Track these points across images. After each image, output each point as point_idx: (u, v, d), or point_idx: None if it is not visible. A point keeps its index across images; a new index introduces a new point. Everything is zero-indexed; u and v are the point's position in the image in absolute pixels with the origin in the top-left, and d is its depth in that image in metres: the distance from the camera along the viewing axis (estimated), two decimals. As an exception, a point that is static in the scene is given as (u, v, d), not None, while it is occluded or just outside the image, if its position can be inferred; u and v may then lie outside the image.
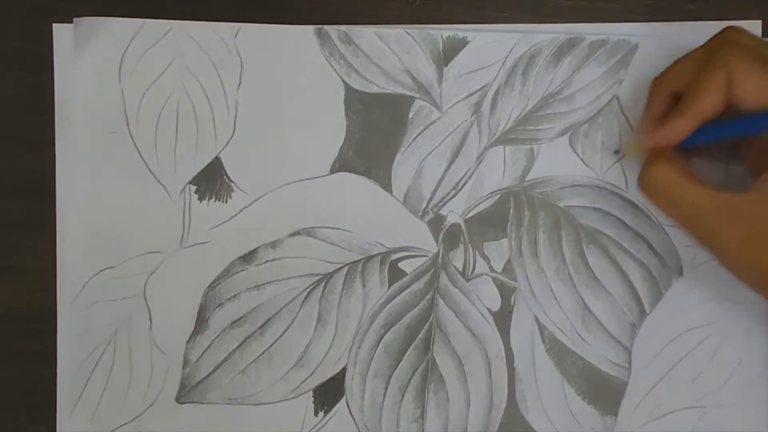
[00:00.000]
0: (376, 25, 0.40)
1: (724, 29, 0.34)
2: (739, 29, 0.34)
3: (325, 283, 0.40)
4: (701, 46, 0.34)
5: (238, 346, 0.40)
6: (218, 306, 0.40)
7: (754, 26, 0.40)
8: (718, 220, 0.32)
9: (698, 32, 0.39)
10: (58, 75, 0.40)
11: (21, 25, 0.40)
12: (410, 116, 0.40)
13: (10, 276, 0.40)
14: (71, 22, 0.40)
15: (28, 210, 0.40)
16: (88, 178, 0.40)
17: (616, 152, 0.39)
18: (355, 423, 0.40)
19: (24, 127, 0.40)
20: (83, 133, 0.40)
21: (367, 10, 0.40)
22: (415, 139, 0.40)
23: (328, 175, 0.40)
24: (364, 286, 0.40)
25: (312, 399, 0.40)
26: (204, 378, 0.40)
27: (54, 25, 0.40)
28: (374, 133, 0.40)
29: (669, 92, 0.35)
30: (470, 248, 0.40)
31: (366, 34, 0.40)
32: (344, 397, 0.40)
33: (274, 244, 0.40)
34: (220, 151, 0.40)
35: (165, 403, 0.40)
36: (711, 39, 0.34)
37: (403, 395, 0.40)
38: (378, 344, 0.40)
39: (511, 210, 0.40)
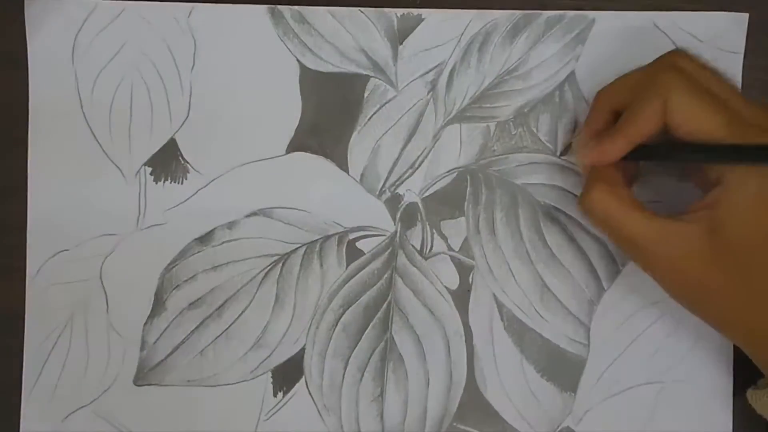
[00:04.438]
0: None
1: (669, 52, 0.34)
2: (683, 53, 0.34)
3: (283, 264, 0.40)
4: (644, 67, 0.34)
5: (196, 328, 0.40)
6: (175, 287, 0.40)
7: (740, 19, 0.40)
8: (650, 244, 0.33)
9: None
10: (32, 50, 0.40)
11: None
12: (366, 95, 0.40)
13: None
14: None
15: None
16: (44, 160, 0.40)
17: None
18: (314, 403, 0.40)
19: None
20: (36, 115, 0.40)
21: (368, 5, 0.40)
22: (370, 118, 0.40)
23: (284, 155, 0.40)
24: (321, 266, 0.40)
25: (271, 380, 0.40)
26: (162, 360, 0.40)
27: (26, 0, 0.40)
28: (330, 112, 0.40)
29: (609, 108, 0.35)
30: (428, 227, 0.40)
31: (320, 13, 0.40)
32: (303, 378, 0.40)
33: (230, 225, 0.40)
34: (175, 133, 0.40)
35: (123, 386, 0.39)
36: (654, 61, 0.34)
37: (362, 375, 0.40)
38: (336, 324, 0.40)
39: (468, 188, 0.40)
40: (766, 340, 0.33)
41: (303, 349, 0.40)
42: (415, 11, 0.40)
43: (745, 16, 0.39)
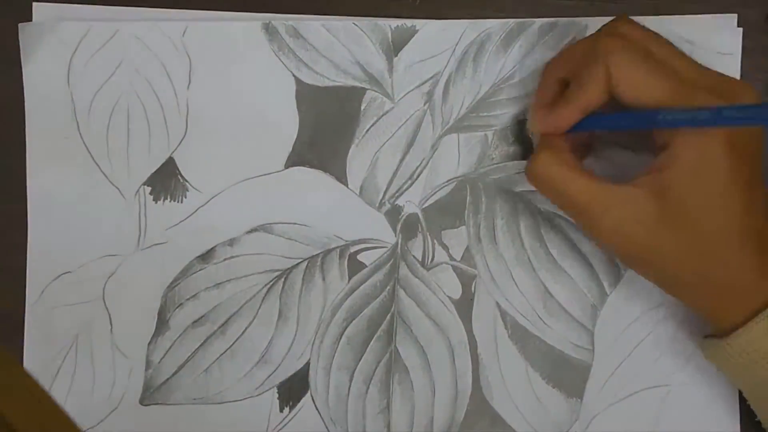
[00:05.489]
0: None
1: (613, 19, 0.34)
2: (626, 20, 0.34)
3: (285, 279, 0.40)
4: (590, 35, 0.35)
5: (200, 346, 0.40)
6: (178, 306, 0.40)
7: (729, 20, 0.39)
8: (596, 208, 0.33)
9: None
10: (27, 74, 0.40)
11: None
12: (362, 108, 0.40)
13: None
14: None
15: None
16: (44, 182, 0.40)
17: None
18: (321, 417, 0.40)
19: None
20: (35, 139, 0.40)
21: (367, 10, 0.40)
22: (368, 130, 0.40)
23: (282, 170, 0.40)
24: (324, 279, 0.40)
25: (277, 395, 0.40)
26: (167, 379, 0.40)
27: (19, 24, 0.40)
28: (327, 126, 0.40)
29: (557, 78, 0.35)
30: (429, 237, 0.40)
31: (314, 27, 0.40)
32: (309, 392, 0.40)
33: (231, 242, 0.40)
34: (173, 151, 0.40)
35: (129, 406, 0.39)
36: (600, 29, 0.34)
37: (368, 387, 0.40)
38: (340, 337, 0.40)
39: (468, 197, 0.40)
40: (710, 297, 0.34)
41: (308, 364, 0.40)
42: (409, 23, 0.40)
43: (734, 16, 0.39)
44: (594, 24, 0.39)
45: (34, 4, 0.40)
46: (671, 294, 0.35)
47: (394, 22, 0.40)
